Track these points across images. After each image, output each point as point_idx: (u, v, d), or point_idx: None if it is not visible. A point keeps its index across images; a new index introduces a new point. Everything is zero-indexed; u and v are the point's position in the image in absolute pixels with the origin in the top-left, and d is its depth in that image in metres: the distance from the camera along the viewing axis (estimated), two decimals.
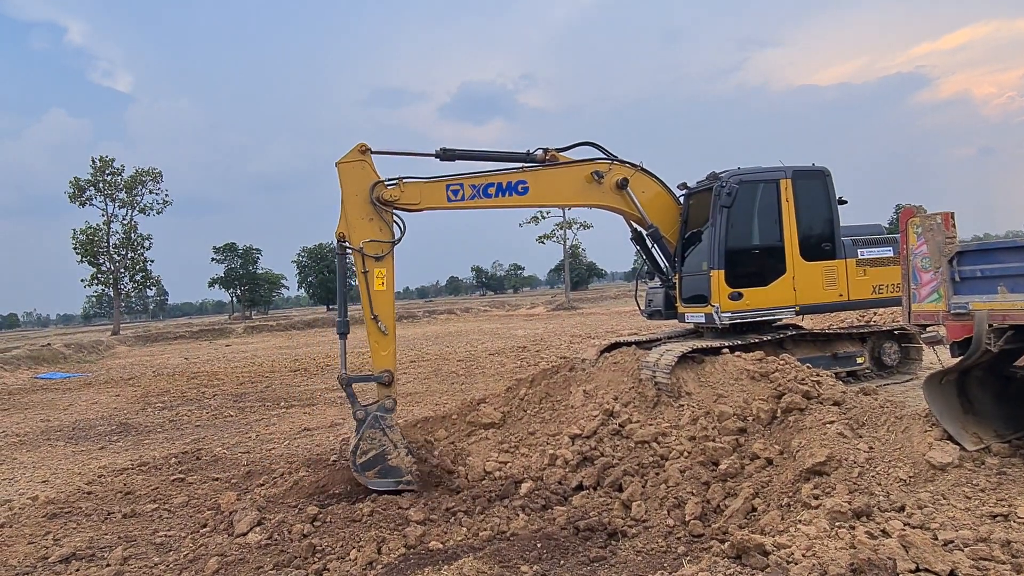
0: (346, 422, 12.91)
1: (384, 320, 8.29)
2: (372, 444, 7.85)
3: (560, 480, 7.32)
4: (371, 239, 8.34)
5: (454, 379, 17.76)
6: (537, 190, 9.58)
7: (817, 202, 10.40)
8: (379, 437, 7.90)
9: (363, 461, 7.75)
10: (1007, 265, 5.93)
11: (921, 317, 6.65)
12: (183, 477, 9.38)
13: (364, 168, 8.47)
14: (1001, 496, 5.17)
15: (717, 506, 6.27)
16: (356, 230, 8.34)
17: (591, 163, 10.02)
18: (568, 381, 9.51)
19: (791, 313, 10.16)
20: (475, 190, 9.20)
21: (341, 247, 8.51)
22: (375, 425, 7.99)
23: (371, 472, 7.74)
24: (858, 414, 6.89)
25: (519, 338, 29.44)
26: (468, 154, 9.59)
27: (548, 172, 9.84)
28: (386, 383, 8.28)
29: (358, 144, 8.54)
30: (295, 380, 20.53)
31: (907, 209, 6.76)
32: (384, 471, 7.77)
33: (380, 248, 8.36)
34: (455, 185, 9.08)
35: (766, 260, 10.08)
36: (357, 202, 8.39)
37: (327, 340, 39.29)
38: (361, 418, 8.06)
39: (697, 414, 7.83)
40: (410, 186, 8.77)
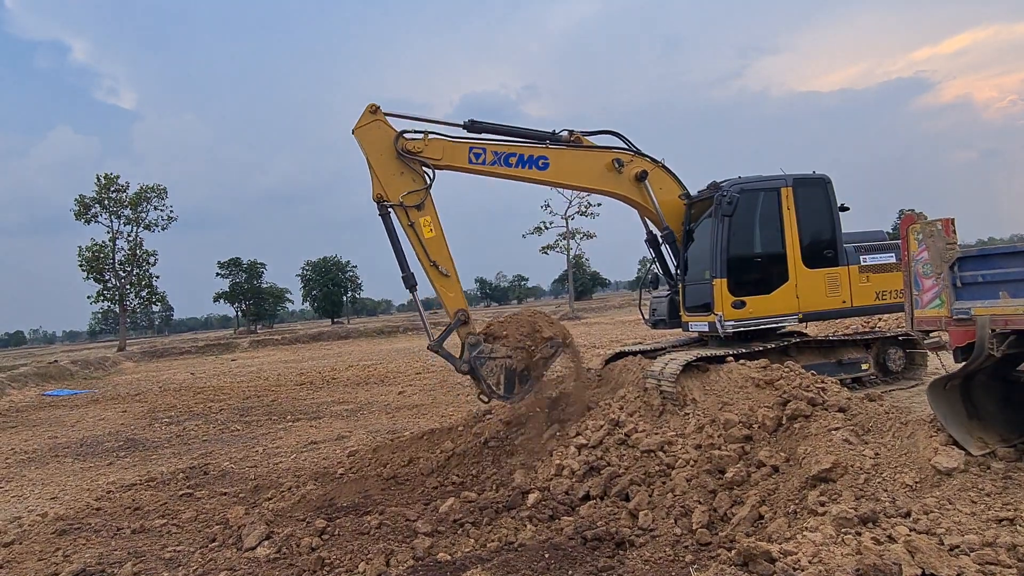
0: (353, 435, 12.94)
1: (443, 264, 8.64)
2: (494, 373, 8.37)
3: (567, 490, 7.34)
4: (408, 191, 8.57)
5: (460, 390, 17.76)
6: (557, 168, 9.75)
7: (818, 209, 10.39)
8: (494, 366, 8.38)
9: (504, 389, 8.27)
10: (1008, 270, 5.96)
11: (924, 323, 6.68)
12: (191, 492, 9.41)
13: (380, 127, 8.70)
14: (1007, 500, 5.19)
15: (724, 514, 6.29)
16: (391, 187, 8.59)
17: (613, 151, 10.15)
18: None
19: (794, 321, 10.14)
20: (497, 157, 9.40)
21: (383, 208, 8.75)
22: (482, 362, 8.45)
23: (518, 388, 8.31)
24: (863, 420, 6.91)
25: None
26: (495, 128, 9.74)
27: (570, 152, 10.00)
28: (464, 322, 8.66)
29: (368, 106, 8.73)
30: (301, 394, 20.56)
31: (908, 215, 6.80)
32: (523, 378, 8.31)
33: (418, 197, 8.62)
34: (478, 148, 9.30)
35: (768, 268, 10.05)
36: (384, 160, 8.63)
37: (332, 353, 39.33)
38: (467, 371, 8.51)
39: (703, 422, 7.84)
40: (434, 141, 8.98)
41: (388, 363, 28.16)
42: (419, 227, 8.56)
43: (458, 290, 8.75)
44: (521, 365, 8.46)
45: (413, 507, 7.48)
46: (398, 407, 16.06)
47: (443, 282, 8.61)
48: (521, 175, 9.60)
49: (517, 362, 8.39)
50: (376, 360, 30.38)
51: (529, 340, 8.66)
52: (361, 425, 14.09)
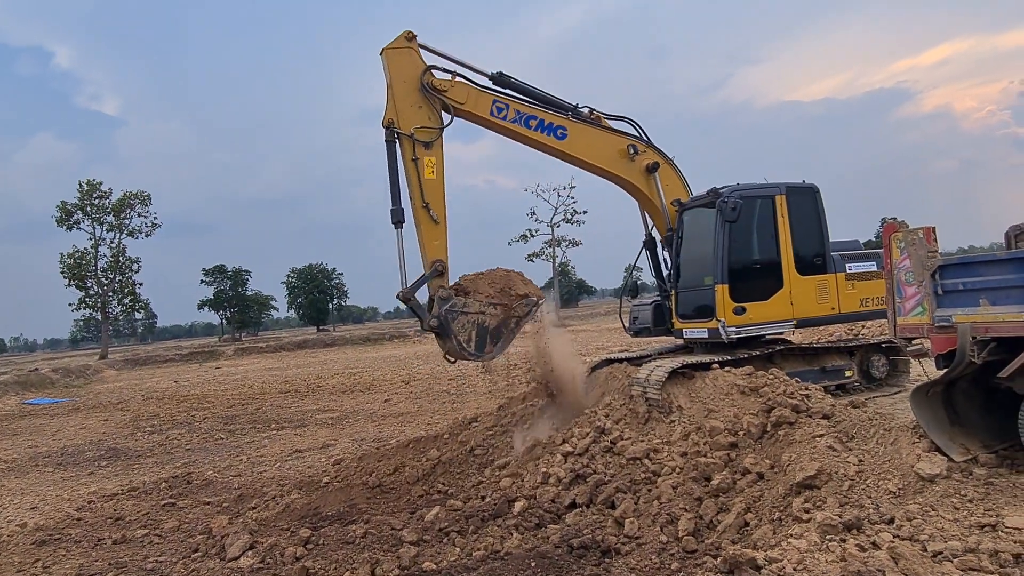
0: (338, 443, 12.86)
1: (435, 208, 8.30)
2: (466, 328, 7.99)
3: (553, 498, 7.32)
4: (421, 126, 8.34)
5: (446, 398, 17.73)
6: (573, 141, 9.74)
7: (809, 217, 10.50)
8: (465, 320, 8.02)
9: (475, 347, 7.94)
10: (987, 278, 6.04)
11: (907, 330, 6.75)
12: (174, 502, 9.32)
13: (411, 55, 8.47)
14: (989, 506, 5.23)
15: (710, 521, 6.30)
16: (405, 117, 8.33)
17: (629, 137, 10.21)
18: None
19: (791, 327, 10.29)
20: (518, 116, 9.32)
21: (391, 134, 8.44)
22: (454, 317, 8.06)
23: (489, 347, 8.02)
24: (847, 427, 6.95)
25: (510, 356, 29.41)
26: (522, 87, 9.62)
27: (589, 129, 10.01)
28: (440, 273, 8.31)
29: (404, 32, 8.52)
30: (286, 402, 20.43)
31: (890, 224, 6.88)
32: (495, 336, 8.01)
33: (430, 135, 8.38)
34: (502, 103, 9.21)
35: (766, 275, 10.14)
36: (405, 89, 8.40)
37: (317, 361, 39.12)
38: (436, 326, 8.08)
39: (688, 429, 7.86)
40: (461, 84, 8.83)
41: (374, 371, 28.04)
42: (422, 165, 8.27)
43: (443, 240, 8.40)
44: (494, 323, 8.12)
45: (399, 516, 7.44)
46: (384, 415, 15.99)
47: (430, 227, 8.26)
48: (538, 139, 9.49)
49: (490, 319, 8.04)
50: (362, 368, 30.25)
51: (503, 296, 8.36)
52: (346, 433, 14.01)
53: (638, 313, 11.60)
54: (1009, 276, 5.90)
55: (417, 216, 8.27)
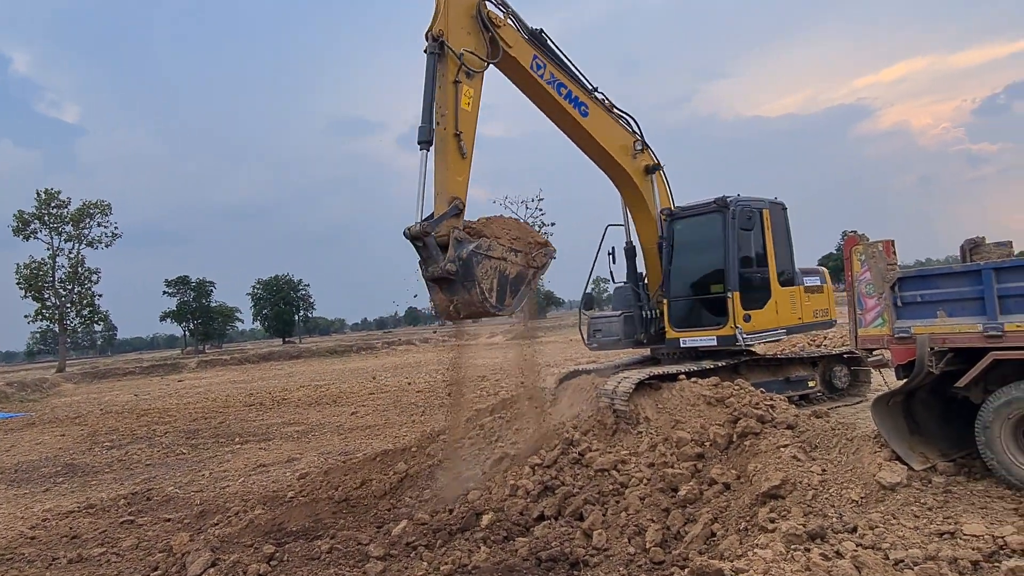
0: (303, 457, 12.66)
1: (466, 141, 7.74)
2: (488, 276, 7.13)
3: (521, 510, 7.29)
4: (470, 50, 7.97)
5: (413, 410, 17.59)
6: (593, 120, 9.74)
7: (784, 232, 10.99)
8: (489, 266, 7.21)
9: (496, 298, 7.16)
10: (944, 290, 6.20)
11: (868, 341, 6.89)
12: (133, 519, 9.08)
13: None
14: (948, 514, 5.34)
15: (677, 532, 6.32)
16: (455, 36, 7.88)
17: (634, 135, 10.34)
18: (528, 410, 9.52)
19: (783, 335, 10.63)
20: (553, 79, 9.20)
21: (438, 47, 7.77)
22: (478, 261, 7.14)
23: (508, 299, 7.32)
24: (811, 437, 7.05)
25: (478, 368, 29.32)
26: (554, 51, 9.43)
27: (606, 114, 10.05)
28: (458, 212, 7.47)
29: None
30: (250, 415, 20.08)
31: (851, 237, 7.03)
32: (514, 287, 7.33)
33: (475, 64, 8.01)
34: (542, 60, 9.04)
35: (761, 284, 10.45)
36: (460, 11, 8.05)
37: (283, 373, 38.58)
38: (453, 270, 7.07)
39: (655, 440, 7.90)
40: (511, 28, 8.62)
41: (341, 383, 27.74)
42: (461, 91, 7.76)
43: (466, 178, 7.74)
44: (514, 272, 7.35)
45: (365, 530, 7.34)
46: (350, 428, 15.80)
47: (456, 159, 7.58)
48: (565, 109, 9.38)
49: (511, 267, 7.27)
50: (328, 380, 29.91)
51: (521, 244, 7.68)
52: (312, 447, 13.81)
53: (601, 325, 11.31)
54: (964, 289, 6.07)
55: (446, 145, 7.54)
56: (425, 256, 7.30)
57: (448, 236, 7.24)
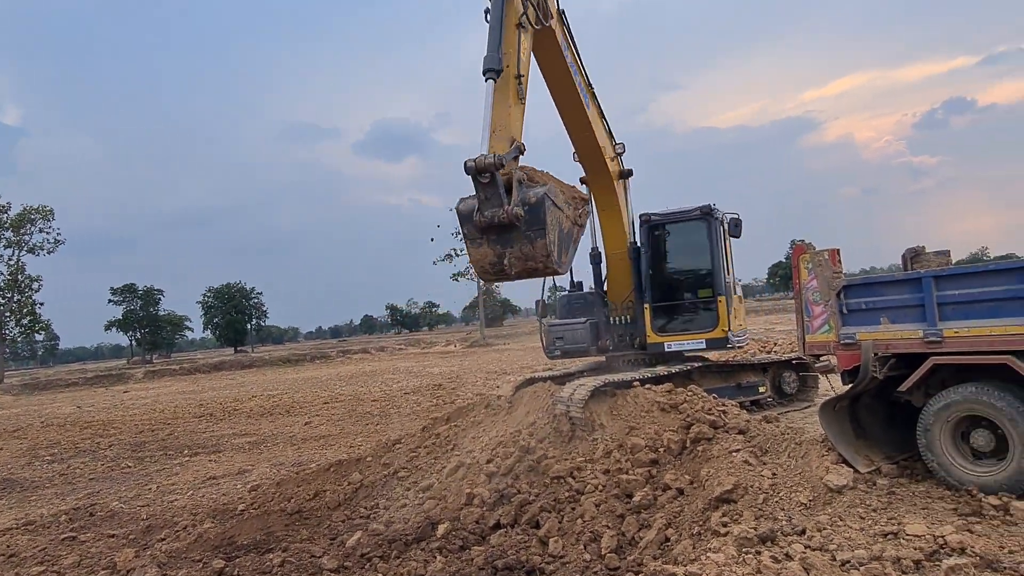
0: (255, 468, 12.41)
1: (523, 87, 7.54)
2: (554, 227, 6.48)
3: (477, 519, 7.26)
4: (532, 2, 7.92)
5: (369, 420, 17.39)
6: (592, 113, 9.92)
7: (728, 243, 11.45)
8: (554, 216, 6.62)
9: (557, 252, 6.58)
10: (888, 297, 6.41)
11: (815, 347, 7.07)
12: (75, 535, 8.76)
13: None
14: (891, 515, 5.51)
15: (632, 538, 6.37)
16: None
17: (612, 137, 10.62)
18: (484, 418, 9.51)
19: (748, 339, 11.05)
20: (570, 60, 9.24)
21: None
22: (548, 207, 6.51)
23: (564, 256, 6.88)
24: (762, 442, 7.19)
25: (435, 376, 29.20)
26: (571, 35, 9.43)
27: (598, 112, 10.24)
28: (517, 155, 6.95)
29: None
30: (200, 426, 19.59)
31: (799, 246, 7.21)
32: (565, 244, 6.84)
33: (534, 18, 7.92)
34: (567, 41, 9.09)
35: (728, 291, 10.91)
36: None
37: (235, 383, 37.76)
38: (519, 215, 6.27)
39: (611, 447, 7.96)
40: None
41: (294, 393, 27.27)
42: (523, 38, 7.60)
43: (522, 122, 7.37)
44: (567, 226, 6.88)
45: (319, 543, 7.22)
46: (304, 438, 15.54)
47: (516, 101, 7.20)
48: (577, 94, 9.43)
49: (565, 221, 6.80)
50: (281, 390, 29.38)
51: (570, 197, 7.24)
52: (264, 458, 13.54)
53: (563, 333, 11.15)
54: (906, 296, 6.28)
55: (507, 84, 7.17)
56: (487, 196, 6.51)
57: (511, 177, 6.63)
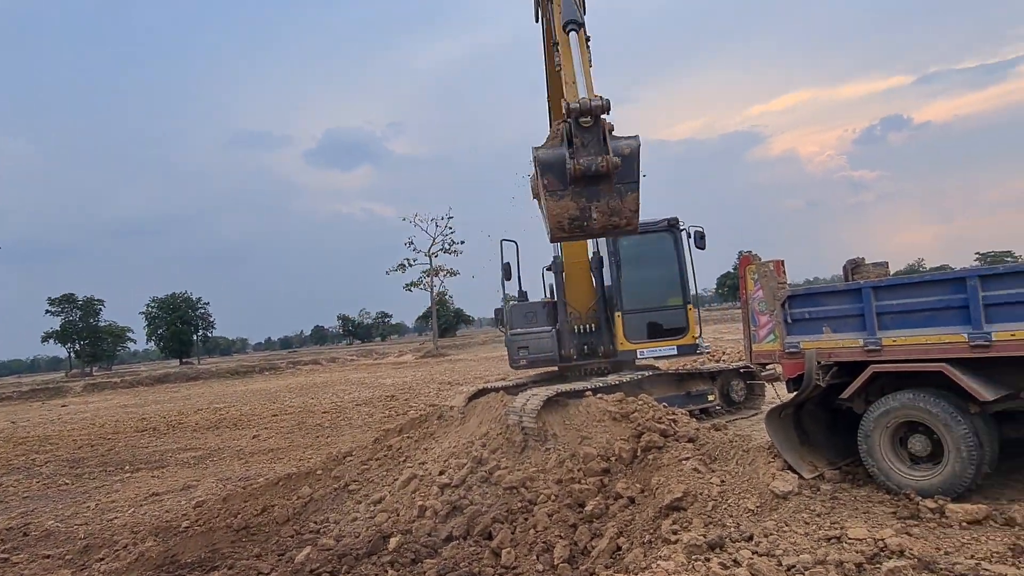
0: (201, 484, 12.08)
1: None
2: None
3: (430, 532, 7.21)
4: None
5: (319, 432, 17.10)
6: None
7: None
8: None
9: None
10: (830, 307, 6.61)
11: (761, 356, 7.24)
12: (7, 557, 8.39)
13: None
14: (834, 520, 5.66)
15: (584, 548, 6.40)
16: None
17: None
18: (437, 429, 9.45)
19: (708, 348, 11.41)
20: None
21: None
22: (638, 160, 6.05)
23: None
24: (710, 449, 7.31)
25: (387, 387, 28.90)
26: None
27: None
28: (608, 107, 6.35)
29: None
30: (142, 441, 18.98)
31: (745, 257, 7.38)
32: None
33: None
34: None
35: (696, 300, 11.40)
36: None
37: (180, 396, 36.72)
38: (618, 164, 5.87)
39: (563, 457, 7.99)
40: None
41: (242, 405, 26.66)
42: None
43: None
44: None
45: (266, 559, 7.07)
46: (252, 452, 15.20)
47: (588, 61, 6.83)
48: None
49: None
50: (229, 402, 28.69)
51: None
52: (210, 473, 13.19)
53: (528, 343, 11.07)
54: (846, 306, 6.48)
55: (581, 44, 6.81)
56: (585, 142, 6.08)
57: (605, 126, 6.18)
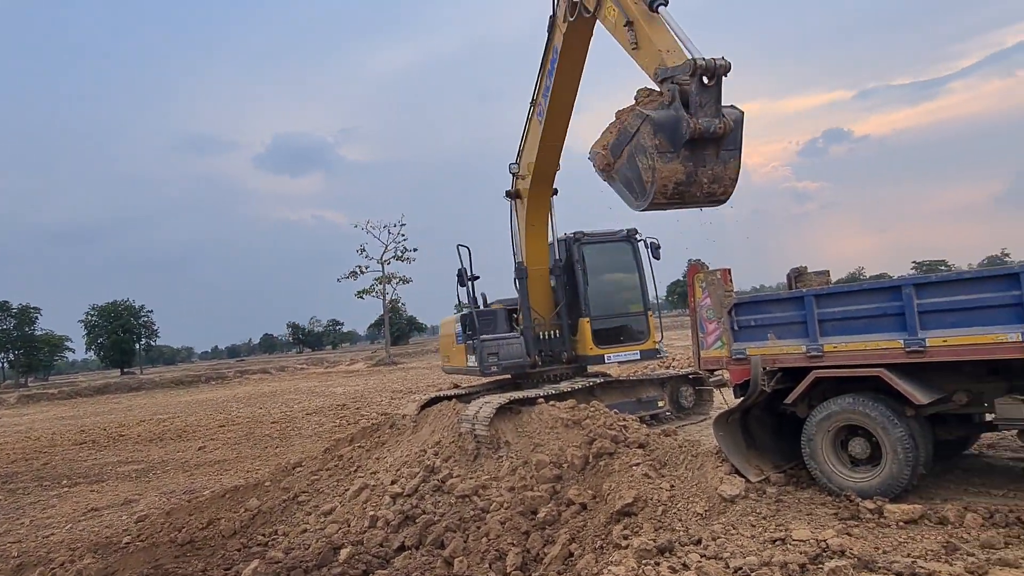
0: (143, 498, 11.72)
1: None
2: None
3: (381, 542, 7.14)
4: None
5: (268, 443, 16.77)
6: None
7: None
8: None
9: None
10: (774, 315, 6.79)
11: (709, 363, 7.38)
12: None
13: None
14: (780, 522, 5.79)
15: (537, 555, 6.42)
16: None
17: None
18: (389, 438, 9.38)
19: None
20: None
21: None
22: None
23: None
24: (660, 455, 7.41)
25: (338, 396, 28.50)
26: None
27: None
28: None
29: None
30: (81, 454, 18.32)
31: (693, 265, 7.52)
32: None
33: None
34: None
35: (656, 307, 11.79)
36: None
37: (121, 407, 35.55)
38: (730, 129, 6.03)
39: (516, 464, 8.01)
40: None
41: (187, 416, 25.96)
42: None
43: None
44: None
45: (212, 574, 6.91)
46: (197, 464, 14.81)
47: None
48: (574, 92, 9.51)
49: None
50: (173, 413, 27.89)
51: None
52: (153, 487, 12.81)
53: (497, 348, 10.60)
54: (790, 313, 6.67)
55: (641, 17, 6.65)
56: (703, 102, 6.05)
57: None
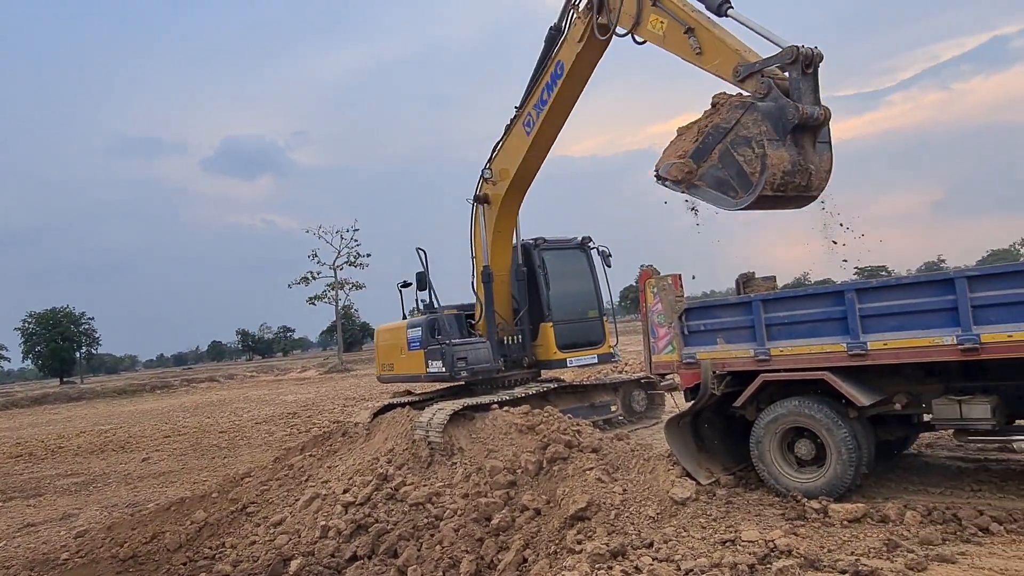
0: (83, 512, 11.30)
1: None
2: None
3: (333, 552, 7.03)
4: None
5: (215, 453, 16.36)
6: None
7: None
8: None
9: None
10: (723, 320, 6.93)
11: (660, 367, 7.49)
12: None
13: None
14: (729, 523, 5.90)
15: (491, 561, 6.40)
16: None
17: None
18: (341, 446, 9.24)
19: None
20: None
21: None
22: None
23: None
24: (613, 459, 7.47)
25: (289, 404, 27.99)
26: None
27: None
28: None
29: None
30: (17, 467, 17.60)
31: (645, 271, 7.63)
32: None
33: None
34: None
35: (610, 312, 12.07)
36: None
37: (60, 418, 34.26)
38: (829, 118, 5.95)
39: (470, 471, 7.98)
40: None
41: (131, 427, 25.16)
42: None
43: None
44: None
45: None
46: (141, 476, 14.36)
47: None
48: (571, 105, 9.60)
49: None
50: (116, 424, 27.01)
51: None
52: (94, 500, 12.37)
53: (466, 353, 10.28)
54: (738, 318, 6.81)
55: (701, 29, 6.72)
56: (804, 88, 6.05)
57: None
